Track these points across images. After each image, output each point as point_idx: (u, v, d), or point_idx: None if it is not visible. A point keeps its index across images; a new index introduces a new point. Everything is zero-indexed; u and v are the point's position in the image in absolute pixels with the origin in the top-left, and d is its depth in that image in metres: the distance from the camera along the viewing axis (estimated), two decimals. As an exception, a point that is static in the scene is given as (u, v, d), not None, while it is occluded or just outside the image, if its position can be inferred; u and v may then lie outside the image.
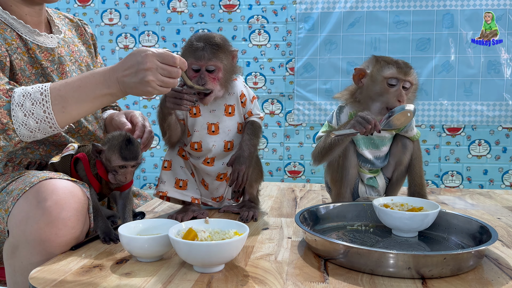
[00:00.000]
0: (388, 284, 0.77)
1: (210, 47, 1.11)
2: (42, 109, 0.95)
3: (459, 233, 1.02)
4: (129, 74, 0.94)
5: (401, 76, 1.18)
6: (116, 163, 1.03)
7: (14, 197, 0.95)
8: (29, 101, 0.95)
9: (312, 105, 2.91)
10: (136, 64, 0.94)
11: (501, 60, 2.76)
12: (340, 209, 1.14)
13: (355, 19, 2.85)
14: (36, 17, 1.17)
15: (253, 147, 1.20)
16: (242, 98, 1.22)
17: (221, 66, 1.12)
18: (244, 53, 2.95)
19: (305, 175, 2.98)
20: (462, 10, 2.77)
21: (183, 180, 1.23)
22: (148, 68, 0.93)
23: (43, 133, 0.98)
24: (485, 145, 2.83)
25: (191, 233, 0.83)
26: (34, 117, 0.95)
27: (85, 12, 3.07)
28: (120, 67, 0.96)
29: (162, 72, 0.94)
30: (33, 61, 1.13)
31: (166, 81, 0.95)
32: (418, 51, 2.83)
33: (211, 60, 1.10)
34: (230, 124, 1.21)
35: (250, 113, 1.24)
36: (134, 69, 0.94)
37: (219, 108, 1.20)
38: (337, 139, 1.19)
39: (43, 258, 0.90)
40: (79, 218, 0.94)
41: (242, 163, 1.16)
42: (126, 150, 1.03)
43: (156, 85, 0.94)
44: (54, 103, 0.95)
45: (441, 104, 2.83)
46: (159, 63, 0.94)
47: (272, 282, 0.78)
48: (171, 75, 0.96)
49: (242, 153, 1.17)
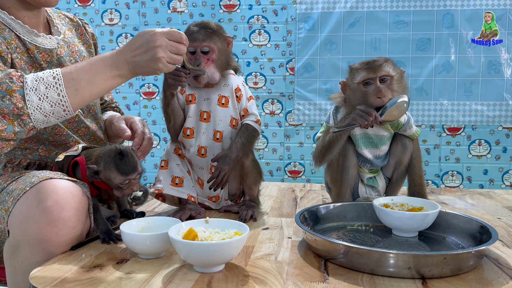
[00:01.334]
0: (388, 284, 0.77)
1: (204, 30, 1.18)
2: (56, 92, 0.96)
3: (459, 233, 1.02)
4: (139, 54, 0.98)
5: (372, 75, 1.19)
6: (118, 180, 1.00)
7: (15, 197, 0.96)
8: (43, 85, 0.95)
9: (312, 105, 2.91)
10: (145, 43, 0.97)
11: (501, 60, 2.76)
12: (340, 209, 1.14)
13: (355, 19, 2.85)
14: (34, 19, 1.16)
15: (242, 152, 1.20)
16: (237, 93, 1.24)
17: (214, 48, 1.18)
18: (244, 53, 2.96)
19: (305, 175, 2.98)
20: (462, 10, 2.77)
21: (179, 177, 1.24)
22: (159, 45, 0.96)
23: (57, 117, 0.98)
24: (485, 145, 2.83)
25: (192, 233, 0.83)
26: (48, 100, 0.95)
27: (86, 12, 3.07)
28: (128, 48, 0.99)
29: (171, 49, 0.98)
30: (33, 61, 1.12)
31: (174, 57, 1.00)
32: (418, 51, 2.83)
33: (205, 41, 1.17)
34: (221, 115, 1.23)
35: (246, 111, 1.25)
36: (144, 48, 0.97)
37: (213, 97, 1.23)
38: (336, 135, 1.19)
39: (44, 258, 0.90)
40: (80, 218, 0.94)
41: (226, 163, 1.18)
42: (123, 164, 1.00)
43: (165, 62, 0.98)
44: (67, 85, 0.96)
45: (441, 104, 2.83)
46: (168, 40, 0.98)
47: (272, 282, 0.78)
48: (179, 52, 1.00)
49: (229, 153, 1.19)
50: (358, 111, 1.15)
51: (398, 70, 1.22)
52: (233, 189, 1.31)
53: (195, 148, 1.24)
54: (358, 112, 1.15)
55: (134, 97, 3.06)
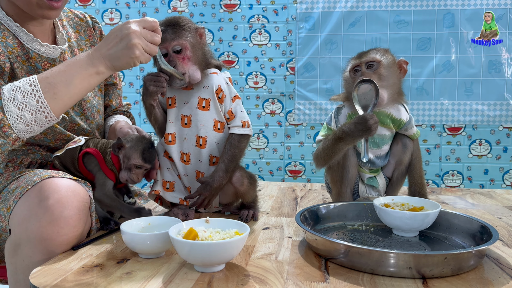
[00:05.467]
0: (388, 284, 0.77)
1: (171, 28, 1.10)
2: (34, 99, 0.94)
3: (460, 232, 1.02)
4: (114, 45, 0.97)
5: (357, 61, 1.22)
6: (136, 162, 1.10)
7: (16, 196, 0.96)
8: (20, 94, 0.94)
9: (312, 105, 2.91)
10: (119, 32, 0.97)
11: (502, 59, 2.76)
12: (341, 209, 1.14)
13: (356, 18, 2.85)
14: (39, 27, 1.15)
15: (226, 178, 1.14)
16: (219, 93, 1.15)
17: (186, 44, 1.10)
18: (245, 52, 2.96)
19: (306, 174, 2.98)
20: (463, 9, 2.77)
21: (169, 182, 1.19)
22: (133, 31, 0.96)
23: (40, 125, 0.97)
24: (486, 144, 2.83)
25: (192, 232, 0.83)
26: (28, 109, 0.94)
27: (86, 12, 3.07)
28: (103, 44, 0.99)
29: (145, 37, 0.97)
30: (33, 70, 1.11)
31: (150, 46, 0.98)
32: (418, 51, 2.82)
33: (174, 40, 1.09)
34: (203, 119, 1.15)
35: (231, 113, 1.16)
36: (118, 37, 0.96)
37: (193, 100, 1.15)
38: (342, 146, 1.18)
39: (45, 256, 0.91)
40: (81, 217, 0.95)
41: (207, 190, 1.13)
42: (148, 152, 1.11)
43: (141, 49, 0.97)
44: (45, 91, 0.95)
45: (441, 104, 2.83)
46: (142, 28, 0.97)
47: (272, 282, 0.78)
48: (154, 41, 0.99)
49: (211, 182, 1.13)
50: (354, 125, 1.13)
51: (390, 57, 1.23)
52: (225, 199, 1.26)
53: (178, 155, 1.18)
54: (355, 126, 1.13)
55: (135, 96, 3.07)
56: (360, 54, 1.25)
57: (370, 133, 1.12)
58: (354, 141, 1.16)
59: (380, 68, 1.20)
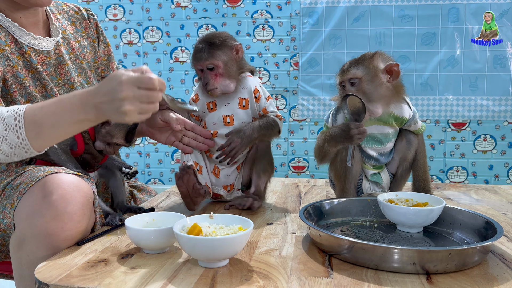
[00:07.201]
0: (392, 280, 0.77)
1: (207, 48, 1.19)
2: (15, 135, 0.92)
3: (464, 228, 1.02)
4: (106, 102, 0.86)
5: (339, 79, 1.24)
6: (118, 141, 1.14)
7: (20, 192, 0.96)
8: (3, 126, 0.92)
9: (316, 100, 2.91)
10: (111, 91, 0.84)
11: (507, 54, 2.74)
12: (345, 205, 1.14)
13: (360, 13, 2.84)
14: (31, 18, 1.14)
15: (257, 132, 1.22)
16: (256, 94, 1.27)
17: (219, 64, 1.20)
18: (248, 48, 2.95)
19: (309, 170, 2.98)
20: (468, 4, 2.75)
21: (200, 165, 1.26)
22: (125, 97, 0.83)
23: (20, 157, 0.96)
24: (491, 140, 2.82)
25: (196, 228, 0.83)
26: (8, 143, 0.93)
27: (89, 7, 3.07)
28: (97, 91, 0.88)
29: (141, 99, 0.84)
30: (29, 65, 1.11)
31: (145, 108, 0.86)
32: (423, 46, 2.81)
33: (207, 59, 1.19)
34: (244, 117, 1.26)
35: (265, 111, 1.27)
36: (110, 97, 0.85)
37: (233, 101, 1.25)
38: (329, 148, 1.21)
39: (49, 252, 0.91)
40: (85, 212, 0.95)
41: (238, 136, 1.21)
42: (131, 134, 1.14)
43: (135, 114, 0.85)
44: (28, 129, 0.92)
45: (446, 99, 2.82)
46: (137, 89, 0.83)
47: (276, 277, 0.78)
48: (151, 100, 0.85)
49: (244, 129, 1.22)
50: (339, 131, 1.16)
51: (374, 68, 1.19)
52: (246, 177, 1.33)
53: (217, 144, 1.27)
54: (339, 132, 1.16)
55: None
56: (342, 70, 1.23)
57: (351, 142, 1.15)
58: (337, 146, 1.20)
59: (362, 84, 1.18)
